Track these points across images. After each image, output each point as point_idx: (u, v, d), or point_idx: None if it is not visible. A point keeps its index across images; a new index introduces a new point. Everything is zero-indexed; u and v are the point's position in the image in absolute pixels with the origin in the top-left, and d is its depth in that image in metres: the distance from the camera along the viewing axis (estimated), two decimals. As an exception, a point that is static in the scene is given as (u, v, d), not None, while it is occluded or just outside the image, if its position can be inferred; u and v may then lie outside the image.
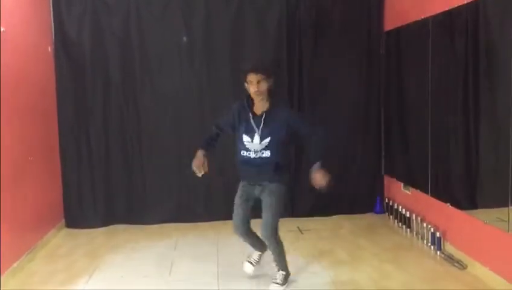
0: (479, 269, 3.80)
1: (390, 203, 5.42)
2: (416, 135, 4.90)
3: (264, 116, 3.55)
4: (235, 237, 4.88)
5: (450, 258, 4.15)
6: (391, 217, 5.39)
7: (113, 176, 5.51)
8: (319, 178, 3.44)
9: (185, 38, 5.42)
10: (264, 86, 3.50)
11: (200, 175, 3.63)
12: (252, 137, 3.57)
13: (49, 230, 5.03)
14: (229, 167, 5.50)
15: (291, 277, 3.84)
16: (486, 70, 3.77)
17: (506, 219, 3.39)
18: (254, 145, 3.57)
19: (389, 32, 5.47)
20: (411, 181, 5.06)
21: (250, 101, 3.63)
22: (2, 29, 4.00)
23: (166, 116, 5.51)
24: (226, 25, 5.47)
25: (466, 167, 4.14)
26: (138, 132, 5.50)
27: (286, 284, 3.75)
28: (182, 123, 5.53)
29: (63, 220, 5.45)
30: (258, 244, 3.88)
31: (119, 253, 4.62)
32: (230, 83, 5.45)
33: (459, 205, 4.14)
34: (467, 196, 4.16)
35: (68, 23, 5.27)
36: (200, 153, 3.69)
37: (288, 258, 3.83)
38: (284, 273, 3.77)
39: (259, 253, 3.98)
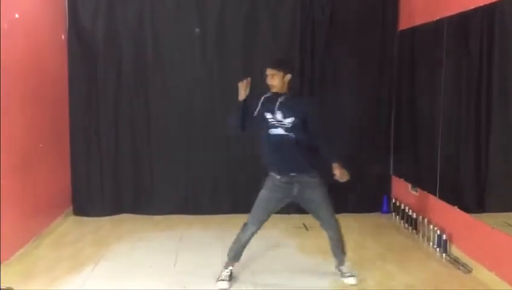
0: (484, 274, 3.78)
1: (398, 204, 5.40)
2: (426, 136, 4.86)
3: (285, 97, 3.61)
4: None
5: (455, 261, 4.13)
6: (398, 217, 5.37)
7: (121, 166, 5.54)
8: (341, 173, 3.60)
9: (197, 30, 5.42)
10: (276, 80, 3.60)
11: (243, 93, 3.67)
12: (273, 114, 3.60)
13: (57, 217, 5.08)
14: (236, 161, 5.60)
15: (291, 275, 3.87)
16: (501, 73, 3.73)
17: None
18: (278, 122, 3.58)
19: (403, 32, 5.43)
20: (419, 182, 5.04)
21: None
22: (15, 16, 4.03)
23: (176, 109, 5.53)
24: (239, 20, 5.47)
25: (475, 170, 4.12)
26: (148, 123, 5.52)
27: None
28: (192, 116, 5.54)
29: (71, 208, 5.49)
30: (241, 253, 3.83)
31: (125, 242, 4.65)
32: (241, 77, 5.41)
33: (466, 208, 4.12)
34: (474, 200, 4.14)
35: (82, 12, 5.31)
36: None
37: (290, 252, 3.90)
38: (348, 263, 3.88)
39: (231, 268, 3.83)
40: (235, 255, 3.81)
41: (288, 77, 3.63)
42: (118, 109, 5.47)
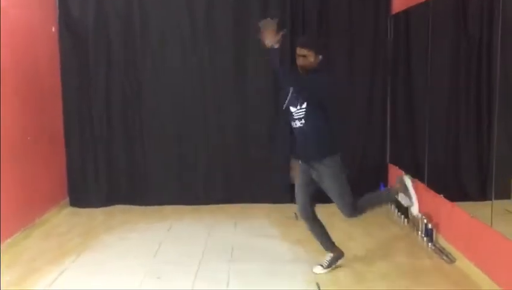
0: (466, 264, 3.67)
1: (392, 192, 5.28)
2: (418, 122, 4.73)
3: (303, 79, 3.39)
4: (229, 222, 4.97)
5: (440, 251, 4.02)
6: (392, 206, 5.26)
7: (115, 157, 5.60)
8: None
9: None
10: (306, 61, 3.35)
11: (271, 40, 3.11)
12: (295, 105, 3.46)
13: (50, 208, 5.17)
14: (229, 150, 5.58)
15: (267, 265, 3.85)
16: (500, 57, 3.51)
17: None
18: (295, 112, 3.46)
19: (396, 15, 5.27)
20: (410, 170, 4.90)
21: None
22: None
23: (168, 98, 5.52)
24: (229, 6, 5.42)
25: (460, 158, 4.00)
26: (140, 113, 5.55)
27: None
28: (185, 104, 5.54)
29: (68, 199, 5.58)
30: (323, 239, 3.79)
31: (114, 233, 4.70)
32: (232, 62, 5.45)
33: (450, 196, 3.99)
34: (458, 188, 4.00)
35: (72, 2, 5.33)
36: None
37: (274, 242, 3.90)
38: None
39: (329, 254, 3.77)
40: (326, 245, 3.81)
41: (319, 58, 3.38)
42: (110, 100, 5.51)
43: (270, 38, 3.09)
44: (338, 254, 3.79)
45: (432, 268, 3.78)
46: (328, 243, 3.80)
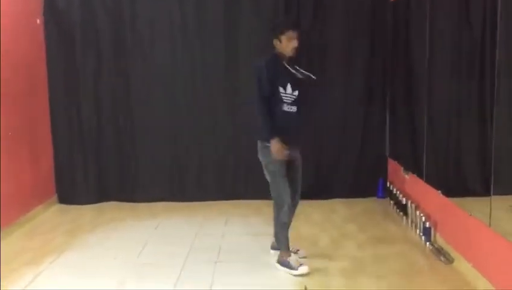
0: (463, 265, 3.44)
1: (391, 188, 5.06)
2: (416, 114, 4.48)
3: (294, 67, 3.54)
4: (219, 220, 4.78)
5: (438, 251, 3.79)
6: (392, 202, 5.04)
7: (105, 152, 5.43)
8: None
9: None
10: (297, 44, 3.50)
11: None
12: (285, 88, 3.50)
13: (37, 206, 5.00)
14: (222, 146, 5.38)
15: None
16: (504, 45, 3.26)
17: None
18: (288, 97, 3.51)
19: (396, 2, 5.01)
20: (409, 164, 4.68)
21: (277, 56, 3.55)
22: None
23: (159, 92, 5.34)
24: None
25: (461, 151, 3.76)
26: (130, 108, 5.36)
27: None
28: (175, 99, 5.35)
29: (56, 197, 5.43)
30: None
31: (99, 232, 4.53)
32: (223, 55, 5.25)
33: (451, 192, 3.75)
34: (460, 183, 3.76)
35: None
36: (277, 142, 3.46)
37: (264, 241, 3.88)
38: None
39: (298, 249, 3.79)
40: (286, 244, 3.66)
41: None
42: (98, 94, 5.33)
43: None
44: (288, 253, 3.64)
45: (428, 269, 3.56)
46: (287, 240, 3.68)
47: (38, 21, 5.13)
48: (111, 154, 5.42)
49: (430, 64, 4.09)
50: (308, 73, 3.60)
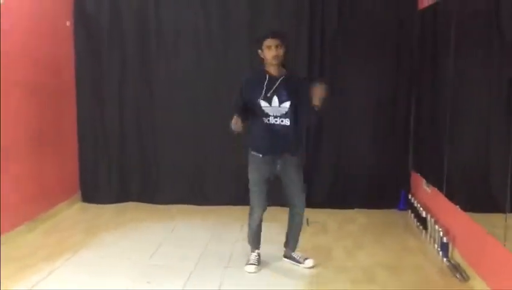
0: (479, 284, 3.32)
1: (412, 201, 4.94)
2: (438, 127, 4.36)
3: (282, 78, 3.50)
4: (235, 225, 4.77)
5: (454, 268, 3.67)
6: (412, 215, 4.92)
7: (127, 154, 5.51)
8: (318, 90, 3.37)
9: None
10: (281, 51, 3.46)
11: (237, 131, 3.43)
12: (269, 101, 3.49)
13: (60, 203, 5.12)
14: (242, 152, 5.36)
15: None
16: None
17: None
18: (273, 110, 3.49)
19: (423, 11, 4.90)
20: (430, 178, 4.56)
21: (263, 68, 3.58)
22: (1, 1, 4.05)
23: (182, 95, 5.37)
24: (245, 3, 5.22)
25: (484, 166, 3.63)
26: (152, 111, 5.43)
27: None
28: (197, 105, 5.38)
29: (79, 195, 5.55)
30: (258, 238, 3.84)
31: (117, 232, 4.60)
32: (247, 60, 5.21)
33: (465, 207, 3.64)
34: (475, 198, 3.63)
35: (87, -2, 5.28)
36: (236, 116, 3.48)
37: (277, 250, 3.90)
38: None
39: (259, 252, 3.85)
40: (253, 242, 3.82)
41: (285, 49, 3.51)
42: (123, 96, 5.41)
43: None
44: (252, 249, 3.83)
45: (441, 286, 3.46)
46: (256, 242, 3.82)
47: (68, 23, 5.26)
48: (133, 157, 5.50)
49: (457, 74, 3.97)
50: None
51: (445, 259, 3.84)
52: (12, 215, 4.26)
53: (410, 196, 5.11)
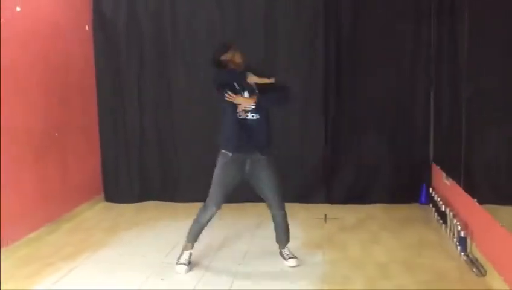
0: (496, 278, 3.23)
1: (433, 195, 4.85)
2: (461, 119, 4.25)
3: (245, 76, 3.59)
4: (252, 222, 4.78)
5: (471, 262, 3.59)
6: (433, 209, 4.82)
7: (148, 153, 5.60)
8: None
9: None
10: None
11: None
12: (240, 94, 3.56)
13: (83, 203, 5.25)
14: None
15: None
16: None
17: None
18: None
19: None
20: (449, 170, 4.47)
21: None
22: (17, 8, 4.18)
23: (199, 98, 5.40)
24: (261, 5, 5.26)
25: (504, 158, 3.55)
26: (171, 112, 5.51)
27: None
28: (214, 104, 5.39)
29: (102, 195, 5.67)
30: (198, 235, 3.79)
31: (136, 230, 4.68)
32: (263, 59, 5.22)
33: (483, 200, 3.54)
34: (493, 191, 3.55)
35: (105, 1, 5.37)
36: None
37: (294, 246, 3.85)
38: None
39: (191, 251, 3.80)
40: (193, 237, 3.76)
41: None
42: (142, 98, 5.51)
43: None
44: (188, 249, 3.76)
45: (457, 281, 3.38)
46: (195, 237, 3.77)
47: (87, 27, 5.38)
48: (154, 156, 5.59)
49: (477, 65, 3.87)
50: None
51: (462, 254, 3.75)
52: (37, 215, 4.40)
53: (431, 190, 5.01)
